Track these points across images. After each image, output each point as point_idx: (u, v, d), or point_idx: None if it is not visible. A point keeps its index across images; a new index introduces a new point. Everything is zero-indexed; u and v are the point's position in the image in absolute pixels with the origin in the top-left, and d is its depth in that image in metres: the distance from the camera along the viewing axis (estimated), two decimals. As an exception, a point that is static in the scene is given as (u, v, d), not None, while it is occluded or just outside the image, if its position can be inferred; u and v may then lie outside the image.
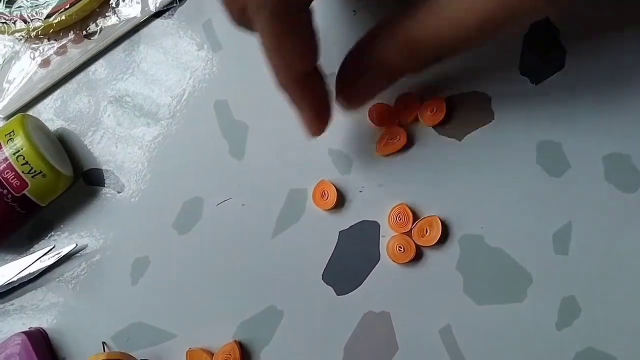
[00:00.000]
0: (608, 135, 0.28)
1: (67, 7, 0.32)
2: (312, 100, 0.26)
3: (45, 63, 0.33)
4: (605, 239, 0.28)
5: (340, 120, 0.31)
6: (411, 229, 0.29)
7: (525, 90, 0.29)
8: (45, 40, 0.33)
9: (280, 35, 0.22)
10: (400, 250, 0.29)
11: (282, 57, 0.23)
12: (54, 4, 0.32)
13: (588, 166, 0.28)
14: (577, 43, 0.29)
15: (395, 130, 0.30)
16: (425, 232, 0.29)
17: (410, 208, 0.29)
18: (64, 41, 0.33)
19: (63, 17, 0.32)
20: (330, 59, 0.31)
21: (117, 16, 0.32)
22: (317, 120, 0.27)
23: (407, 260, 0.29)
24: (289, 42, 0.23)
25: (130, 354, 0.30)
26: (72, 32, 0.33)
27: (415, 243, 0.29)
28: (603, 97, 0.29)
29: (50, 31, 0.32)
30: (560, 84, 0.29)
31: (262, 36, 0.23)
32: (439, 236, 0.28)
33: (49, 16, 0.32)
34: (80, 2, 0.32)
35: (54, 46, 0.33)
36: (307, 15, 0.23)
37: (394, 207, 0.29)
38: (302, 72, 0.24)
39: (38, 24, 0.32)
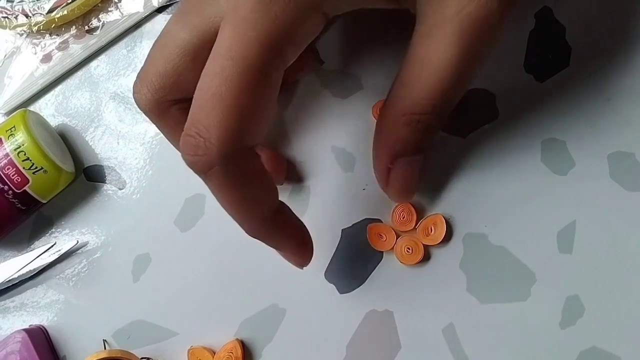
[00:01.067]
0: (613, 133, 0.28)
1: (69, 1, 0.31)
2: (287, 238, 0.25)
3: (46, 58, 0.33)
4: (610, 238, 0.28)
5: (343, 117, 0.30)
6: (415, 227, 0.29)
7: (530, 88, 0.29)
8: (47, 35, 0.33)
9: (234, 188, 0.22)
10: (408, 251, 0.29)
11: (242, 209, 0.23)
12: None
13: (593, 164, 0.28)
14: (582, 40, 0.29)
15: None
16: (430, 231, 0.29)
17: (413, 206, 0.29)
18: (66, 36, 0.32)
19: (65, 12, 0.31)
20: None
21: (120, 11, 0.32)
22: (299, 254, 0.26)
23: (415, 262, 0.29)
24: (246, 193, 0.22)
25: (131, 351, 0.30)
26: (74, 27, 0.33)
27: (422, 245, 0.29)
28: (608, 94, 0.28)
29: (52, 26, 0.32)
30: (565, 81, 0.29)
31: (216, 195, 0.22)
32: (443, 235, 0.28)
33: (50, 11, 0.31)
34: None
35: (55, 41, 0.33)
36: (256, 160, 0.22)
37: (397, 205, 0.29)
38: (267, 215, 0.23)
39: (40, 18, 0.31)
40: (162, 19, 0.33)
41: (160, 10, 0.33)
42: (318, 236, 0.30)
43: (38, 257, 0.31)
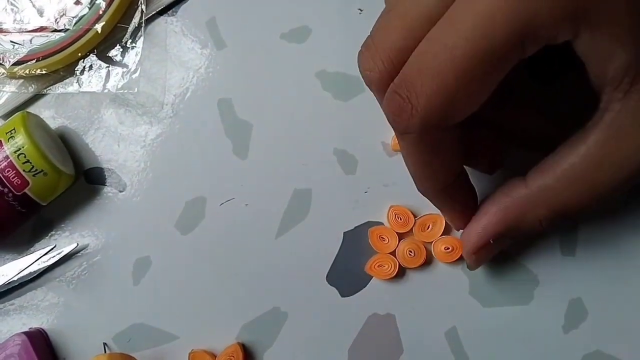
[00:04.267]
0: (616, 136, 0.28)
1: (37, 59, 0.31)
2: (453, 207, 0.26)
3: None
4: (613, 241, 0.28)
5: (346, 119, 0.30)
6: (412, 228, 0.29)
7: (533, 92, 0.29)
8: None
9: (422, 154, 0.22)
10: (410, 254, 0.28)
11: (421, 173, 0.23)
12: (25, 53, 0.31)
13: (596, 167, 0.28)
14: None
15: None
16: (426, 228, 0.29)
17: (409, 209, 0.29)
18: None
19: (25, 71, 0.31)
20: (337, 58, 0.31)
21: (78, 84, 0.32)
22: (459, 220, 0.26)
23: (417, 265, 0.28)
24: (433, 161, 0.23)
25: (132, 355, 0.30)
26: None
27: (425, 248, 0.28)
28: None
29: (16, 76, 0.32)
30: (566, 84, 0.29)
31: (404, 153, 0.23)
32: (441, 232, 0.28)
33: (18, 63, 0.31)
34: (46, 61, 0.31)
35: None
36: (451, 134, 0.22)
37: (390, 209, 0.29)
38: (441, 185, 0.24)
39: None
40: (162, 21, 0.33)
41: (160, 12, 0.33)
42: (320, 239, 0.30)
43: (38, 259, 0.31)
